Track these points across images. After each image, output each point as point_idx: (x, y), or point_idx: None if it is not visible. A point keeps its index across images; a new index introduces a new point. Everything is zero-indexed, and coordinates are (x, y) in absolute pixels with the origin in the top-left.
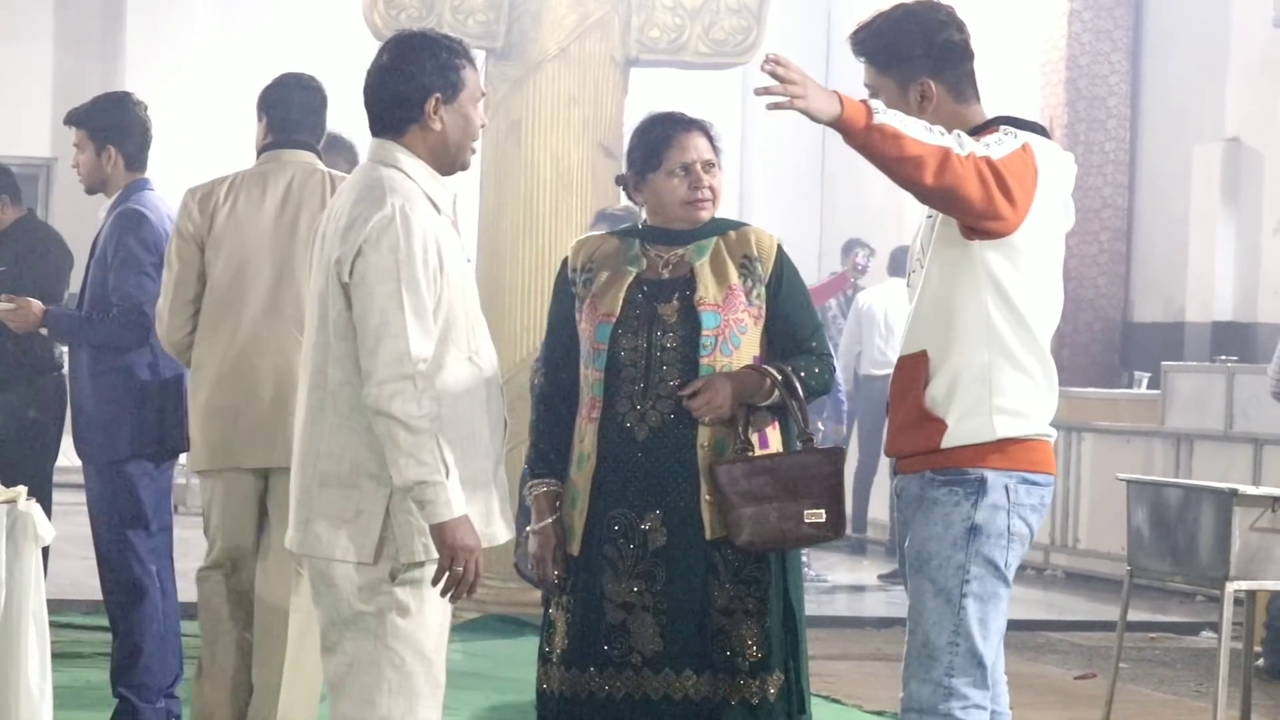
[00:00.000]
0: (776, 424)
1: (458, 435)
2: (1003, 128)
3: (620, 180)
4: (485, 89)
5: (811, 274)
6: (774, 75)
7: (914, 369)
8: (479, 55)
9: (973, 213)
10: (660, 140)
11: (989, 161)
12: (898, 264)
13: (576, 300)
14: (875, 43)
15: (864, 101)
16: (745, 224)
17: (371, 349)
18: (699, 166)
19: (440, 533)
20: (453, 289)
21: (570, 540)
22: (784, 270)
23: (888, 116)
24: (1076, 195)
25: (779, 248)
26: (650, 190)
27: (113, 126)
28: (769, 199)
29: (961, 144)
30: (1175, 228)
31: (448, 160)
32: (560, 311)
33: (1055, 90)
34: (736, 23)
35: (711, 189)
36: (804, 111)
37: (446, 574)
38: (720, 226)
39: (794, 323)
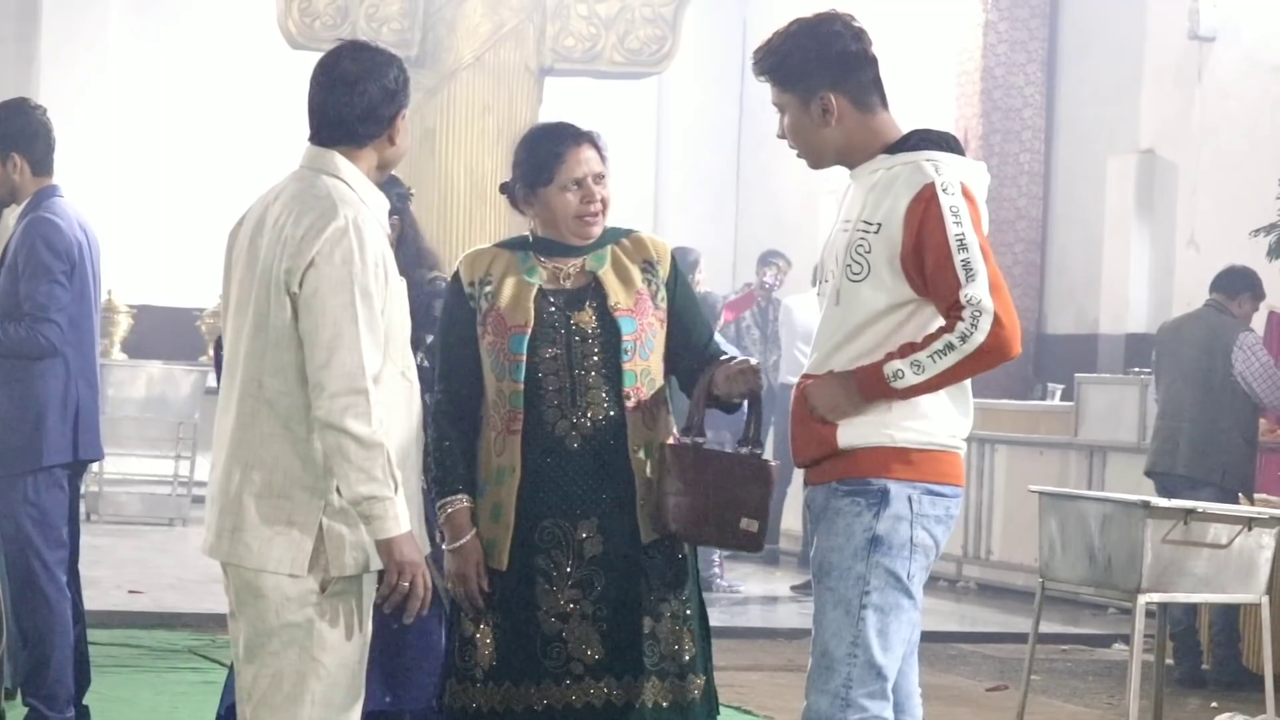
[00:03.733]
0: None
1: (392, 450)
2: (942, 181)
3: (505, 189)
4: None
5: (725, 283)
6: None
7: None
8: None
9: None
10: (551, 156)
11: (997, 290)
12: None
13: (477, 314)
14: (772, 61)
15: (877, 373)
16: (634, 230)
17: (323, 362)
18: (590, 180)
19: (388, 548)
20: (393, 303)
21: (494, 555)
22: (678, 274)
23: (904, 379)
24: (991, 206)
25: (671, 253)
26: (541, 204)
27: (14, 134)
28: (683, 207)
29: (977, 323)
30: (1090, 239)
31: (385, 174)
32: (456, 327)
33: (970, 101)
34: (651, 32)
35: (603, 201)
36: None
37: (394, 590)
38: (612, 234)
39: (691, 326)
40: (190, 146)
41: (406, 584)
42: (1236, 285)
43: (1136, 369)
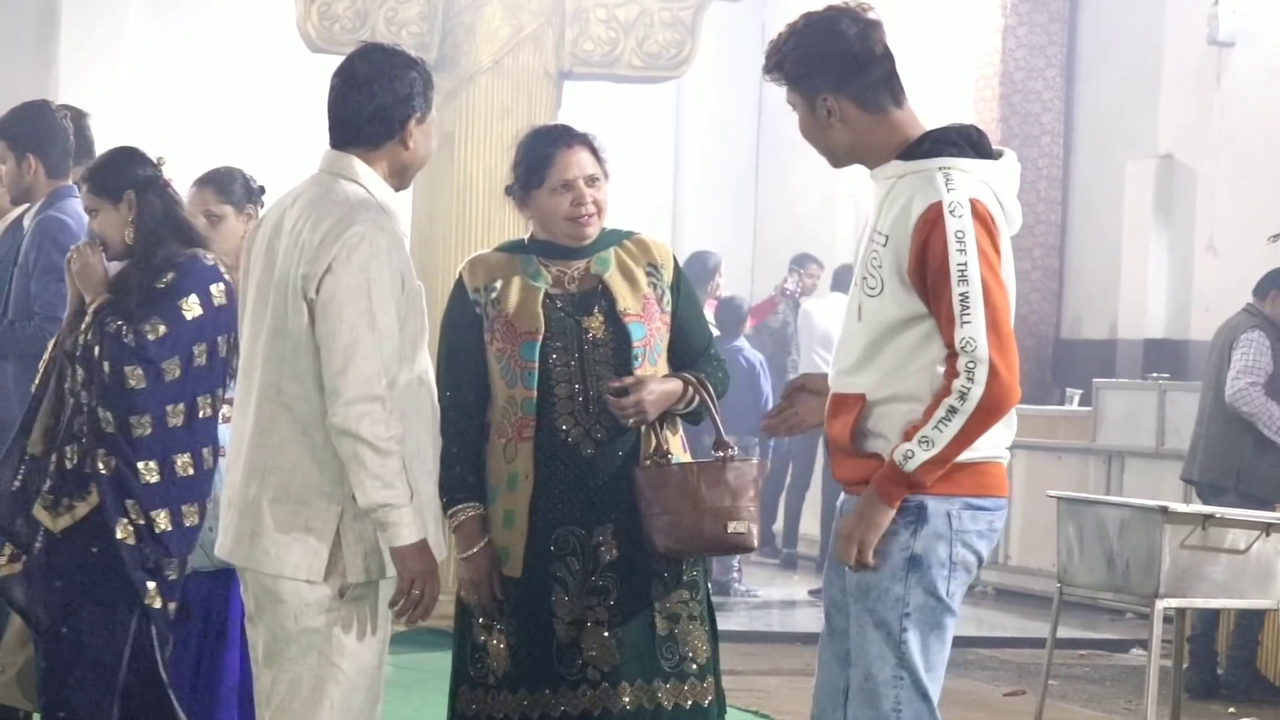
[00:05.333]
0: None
1: (409, 455)
2: (950, 200)
3: (509, 191)
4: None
5: (744, 287)
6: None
7: (850, 408)
8: None
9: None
10: (542, 158)
11: (994, 330)
12: (841, 281)
13: (484, 320)
14: (776, 60)
15: (889, 466)
16: (635, 231)
17: (340, 369)
18: (581, 183)
19: (401, 556)
20: (411, 308)
21: (507, 562)
22: (681, 277)
23: (915, 458)
24: None
25: (674, 256)
26: (535, 206)
27: (32, 135)
28: (702, 211)
29: (973, 375)
30: (1108, 244)
31: (406, 179)
32: (462, 333)
33: (989, 105)
34: (670, 36)
35: (596, 203)
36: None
37: (405, 596)
38: (614, 236)
39: (691, 331)
40: (208, 150)
41: (419, 592)
42: (1265, 284)
43: (1155, 374)
